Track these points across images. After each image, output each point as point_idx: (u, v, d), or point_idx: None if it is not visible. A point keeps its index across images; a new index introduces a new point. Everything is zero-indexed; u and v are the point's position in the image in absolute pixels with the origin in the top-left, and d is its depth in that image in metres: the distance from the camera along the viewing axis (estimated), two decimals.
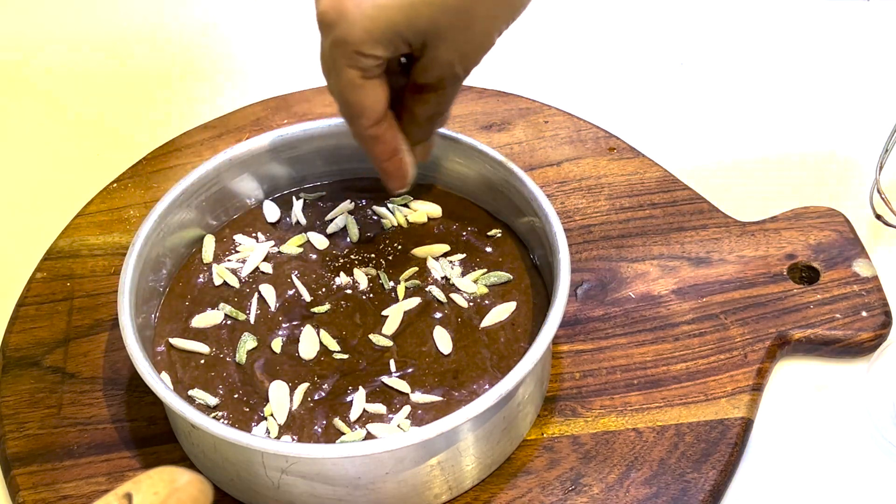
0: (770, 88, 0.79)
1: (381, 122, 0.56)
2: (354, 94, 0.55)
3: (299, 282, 0.62)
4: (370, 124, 0.56)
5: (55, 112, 0.81)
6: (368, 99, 0.55)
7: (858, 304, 0.63)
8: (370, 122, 0.56)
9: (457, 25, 0.52)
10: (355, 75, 0.54)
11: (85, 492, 0.58)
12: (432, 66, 0.54)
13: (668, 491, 0.57)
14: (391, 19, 0.51)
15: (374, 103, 0.55)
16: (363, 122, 0.56)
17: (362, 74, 0.54)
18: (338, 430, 0.56)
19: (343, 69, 0.53)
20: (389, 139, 0.58)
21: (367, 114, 0.56)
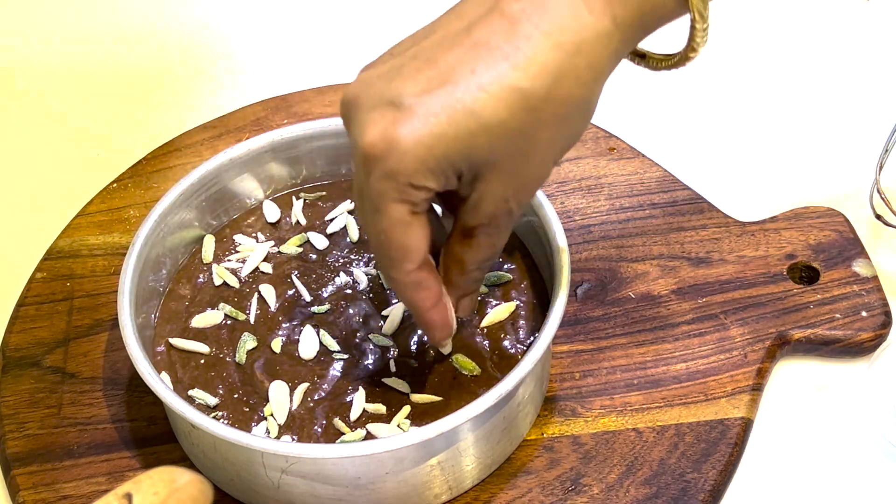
0: (770, 88, 0.79)
1: (424, 266, 0.51)
2: (402, 232, 0.49)
3: (299, 282, 0.62)
4: (414, 268, 0.50)
5: (55, 112, 0.81)
6: (415, 238, 0.49)
7: (858, 304, 0.63)
8: (414, 265, 0.50)
9: (516, 155, 0.47)
10: (404, 211, 0.48)
11: (85, 492, 0.58)
12: (485, 201, 0.49)
13: (668, 491, 0.57)
14: (448, 148, 0.46)
15: (419, 243, 0.49)
16: (407, 267, 0.50)
17: (411, 210, 0.48)
18: (338, 430, 0.56)
19: (391, 205, 0.48)
20: (433, 284, 0.52)
21: (412, 256, 0.50)
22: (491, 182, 0.48)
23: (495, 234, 0.51)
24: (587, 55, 0.47)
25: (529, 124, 0.47)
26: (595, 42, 0.47)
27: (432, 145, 0.46)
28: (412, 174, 0.47)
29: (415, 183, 0.47)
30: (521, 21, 0.46)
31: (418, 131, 0.46)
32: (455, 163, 0.47)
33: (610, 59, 0.48)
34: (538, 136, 0.47)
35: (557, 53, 0.46)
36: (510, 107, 0.46)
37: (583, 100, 0.48)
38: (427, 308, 0.52)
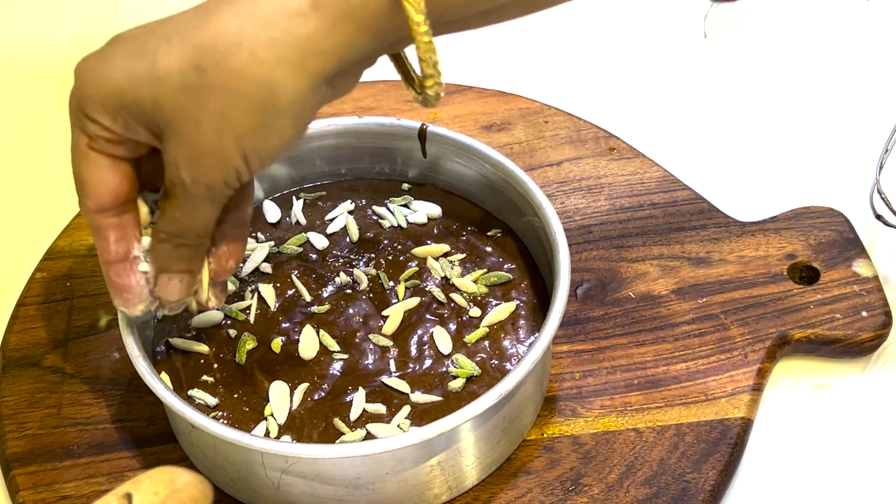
0: (770, 88, 0.79)
1: (106, 214, 0.50)
2: (77, 163, 0.50)
3: (299, 282, 0.62)
4: (92, 207, 0.50)
5: (55, 112, 0.81)
6: (91, 175, 0.49)
7: (858, 304, 0.63)
8: (92, 204, 0.50)
9: (183, 116, 0.46)
10: (82, 141, 0.49)
11: (85, 492, 0.58)
12: (165, 163, 0.48)
13: (668, 491, 0.57)
14: (117, 87, 0.47)
15: (97, 183, 0.49)
16: (85, 202, 0.50)
17: (88, 143, 0.49)
18: (337, 430, 0.56)
19: (72, 129, 0.49)
20: (114, 239, 0.51)
21: (89, 193, 0.49)
22: (167, 143, 0.47)
23: (175, 206, 0.49)
24: (273, 32, 0.45)
25: (196, 86, 0.46)
26: (284, 20, 0.45)
27: (105, 78, 0.47)
28: (84, 102, 0.48)
29: (87, 113, 0.48)
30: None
31: (100, 63, 0.48)
32: (128, 107, 0.47)
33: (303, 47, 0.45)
34: (207, 102, 0.46)
35: (243, 22, 0.45)
36: (181, 61, 0.46)
37: (261, 80, 0.45)
38: (103, 260, 0.52)
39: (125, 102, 0.47)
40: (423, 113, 0.75)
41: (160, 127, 0.47)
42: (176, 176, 0.48)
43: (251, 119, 0.46)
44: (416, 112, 0.75)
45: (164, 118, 0.47)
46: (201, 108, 0.46)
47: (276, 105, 0.46)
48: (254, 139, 0.47)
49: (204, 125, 0.46)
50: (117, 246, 0.51)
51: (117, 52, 0.48)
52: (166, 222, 0.50)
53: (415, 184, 0.67)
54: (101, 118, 0.48)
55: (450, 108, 0.76)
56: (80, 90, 0.48)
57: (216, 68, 0.45)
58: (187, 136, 0.47)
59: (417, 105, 0.76)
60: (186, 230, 0.50)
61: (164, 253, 0.51)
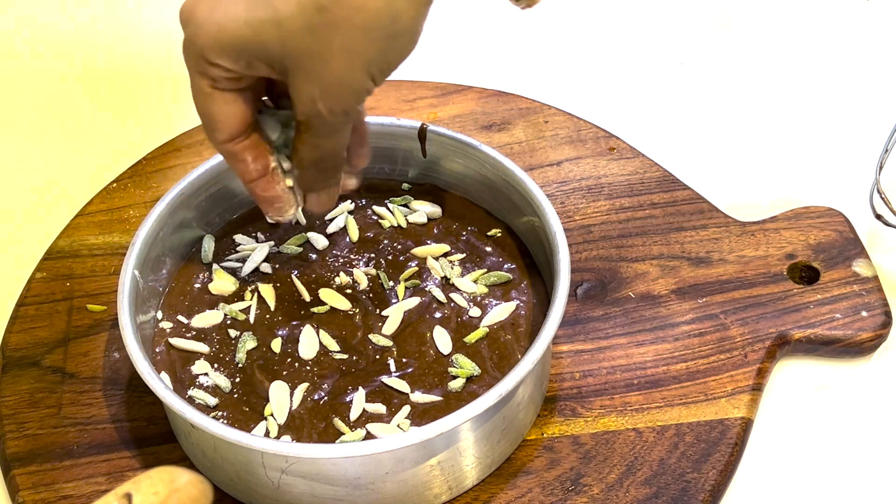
0: (770, 88, 0.79)
1: (238, 140, 0.53)
2: (203, 103, 0.52)
3: (299, 282, 0.62)
4: (224, 139, 0.53)
5: (55, 112, 0.81)
6: (219, 111, 0.52)
7: (858, 304, 0.63)
8: (224, 136, 0.53)
9: (310, 53, 0.48)
10: (204, 84, 0.51)
11: (85, 492, 0.58)
12: (297, 99, 0.51)
13: (668, 491, 0.57)
14: (239, 32, 0.48)
15: (226, 117, 0.52)
16: (216, 136, 0.53)
17: (211, 84, 0.51)
18: (337, 430, 0.56)
19: (192, 75, 0.51)
20: (251, 159, 0.54)
21: (220, 127, 0.52)
22: (296, 79, 0.50)
23: (315, 136, 0.52)
24: None
25: (320, 24, 0.48)
26: None
27: (223, 25, 0.48)
28: (204, 48, 0.49)
29: (208, 58, 0.49)
30: None
31: (214, 9, 0.49)
32: (251, 50, 0.49)
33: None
34: (332, 39, 0.48)
35: None
36: (301, 3, 0.47)
37: (381, 11, 0.48)
38: (246, 180, 0.55)
39: (248, 47, 0.49)
40: (423, 113, 0.75)
41: (286, 66, 0.49)
42: (312, 110, 0.50)
43: (376, 46, 0.49)
44: (416, 112, 0.75)
45: (291, 58, 0.49)
46: (328, 45, 0.48)
47: (397, 29, 0.49)
48: (379, 62, 0.50)
49: (333, 60, 0.49)
50: (256, 164, 0.54)
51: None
52: (308, 151, 0.53)
53: (415, 184, 0.67)
54: (224, 62, 0.49)
55: (450, 108, 0.76)
56: (198, 38, 0.49)
57: (338, 6, 0.47)
58: (318, 73, 0.49)
59: (417, 105, 0.76)
60: (329, 154, 0.54)
61: (310, 177, 0.55)
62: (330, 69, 0.49)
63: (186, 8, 0.50)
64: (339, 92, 0.50)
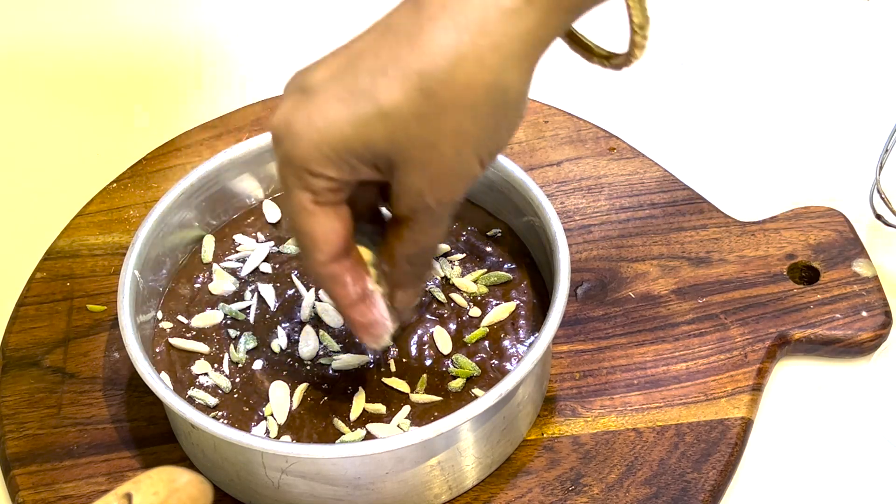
0: (770, 88, 0.79)
1: (339, 260, 0.49)
2: (304, 221, 0.48)
3: (299, 282, 0.62)
4: (325, 259, 0.49)
5: (55, 112, 0.81)
6: (320, 228, 0.48)
7: (858, 304, 0.63)
8: (324, 256, 0.49)
9: (420, 144, 0.45)
10: (306, 199, 0.47)
11: (85, 492, 0.58)
12: (401, 193, 0.47)
13: (668, 491, 0.57)
14: (343, 135, 0.45)
15: (327, 234, 0.48)
16: (317, 257, 0.49)
17: (313, 199, 0.47)
18: (337, 430, 0.56)
19: (293, 191, 0.47)
20: (351, 281, 0.50)
21: (321, 247, 0.49)
22: (403, 173, 0.46)
23: (419, 230, 0.49)
24: (492, 36, 0.44)
25: (429, 110, 0.45)
26: (501, 21, 0.44)
27: (325, 130, 0.45)
28: (306, 159, 0.46)
29: (311, 170, 0.46)
30: (430, 3, 0.44)
31: (312, 115, 0.46)
32: (356, 151, 0.46)
33: (524, 42, 0.45)
34: (442, 123, 0.45)
35: (458, 34, 0.44)
36: (406, 91, 0.44)
37: (491, 85, 0.45)
38: (344, 305, 0.51)
39: (352, 148, 0.46)
40: None
41: (392, 161, 0.46)
42: (419, 203, 0.47)
43: (485, 125, 0.46)
44: None
45: (398, 151, 0.46)
46: (437, 132, 0.45)
47: (507, 104, 0.46)
48: (488, 142, 0.47)
49: (442, 146, 0.45)
50: (355, 287, 0.50)
51: (327, 101, 0.46)
52: (407, 246, 0.50)
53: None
54: (328, 170, 0.46)
55: None
56: (298, 150, 0.46)
57: (445, 88, 0.44)
58: (427, 162, 0.46)
59: None
60: (429, 248, 0.51)
61: (403, 273, 0.51)
62: (439, 157, 0.46)
63: (281, 122, 0.47)
64: (449, 181, 0.47)
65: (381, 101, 0.44)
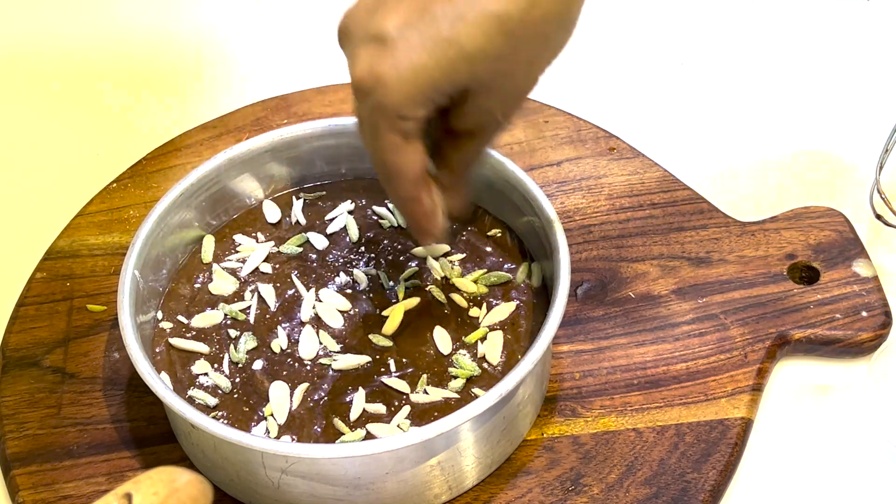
0: (770, 88, 0.79)
1: (419, 183, 0.54)
2: (396, 157, 0.52)
3: (299, 282, 0.62)
4: (409, 184, 0.53)
5: (55, 112, 0.81)
6: (410, 160, 0.52)
7: (858, 304, 0.63)
8: (410, 182, 0.53)
9: (499, 74, 0.50)
10: (397, 139, 0.51)
11: (85, 492, 0.58)
12: (473, 112, 0.52)
13: (668, 491, 0.57)
14: (431, 79, 0.49)
15: (414, 164, 0.53)
16: (403, 184, 0.53)
17: (402, 137, 0.51)
18: (337, 430, 0.56)
19: (384, 133, 0.51)
20: (427, 200, 0.55)
21: (407, 175, 0.53)
22: (481, 98, 0.51)
23: (481, 140, 0.55)
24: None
25: (508, 48, 0.49)
26: None
27: (415, 79, 0.49)
28: (399, 107, 0.49)
29: (404, 115, 0.50)
30: None
31: (402, 66, 0.48)
32: (440, 90, 0.50)
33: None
34: (518, 57, 0.49)
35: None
36: (488, 33, 0.48)
37: (560, 15, 0.49)
38: (420, 220, 0.56)
39: (440, 89, 0.49)
40: None
41: (469, 89, 0.50)
42: (489, 119, 0.53)
43: (554, 50, 0.51)
44: None
45: (478, 83, 0.50)
46: (514, 63, 0.50)
47: (570, 27, 0.51)
48: (550, 62, 0.52)
49: (516, 74, 0.51)
50: (429, 201, 0.55)
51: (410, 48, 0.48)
52: (469, 155, 0.55)
53: None
54: (417, 112, 0.50)
55: None
56: (391, 98, 0.49)
57: (523, 26, 0.48)
58: (501, 87, 0.51)
59: None
60: (483, 153, 0.56)
61: (458, 179, 0.56)
62: (513, 82, 0.51)
63: (367, 74, 0.49)
64: (518, 99, 0.53)
65: (465, 46, 0.48)
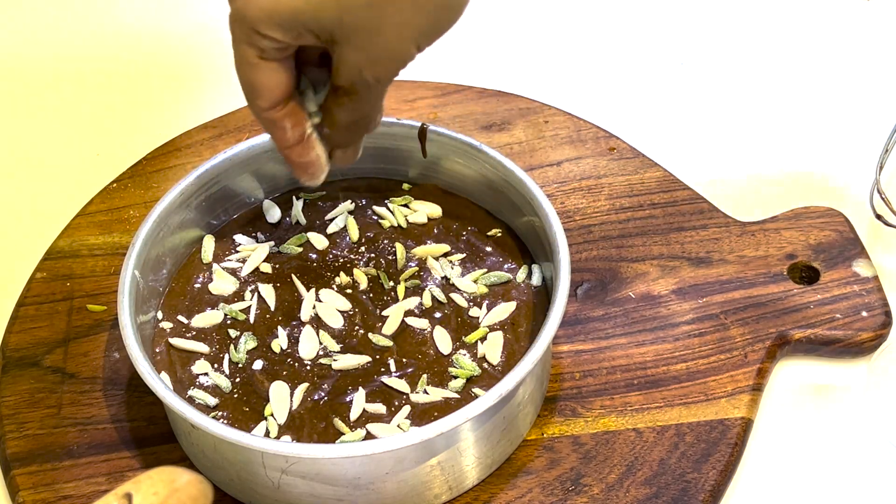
0: (770, 88, 0.79)
1: (278, 107, 0.54)
2: (249, 72, 0.53)
3: (299, 282, 0.62)
4: (266, 106, 0.54)
5: (55, 112, 0.81)
6: (264, 80, 0.53)
7: (858, 304, 0.63)
8: (266, 104, 0.54)
9: (365, 26, 0.50)
10: (251, 54, 0.52)
11: (85, 492, 0.58)
12: (342, 67, 0.52)
13: (668, 491, 0.57)
14: (295, 6, 0.49)
15: (270, 85, 0.53)
16: (259, 104, 0.54)
17: (258, 54, 0.52)
18: (337, 430, 0.56)
19: (239, 45, 0.52)
20: (289, 126, 0.55)
21: (263, 94, 0.54)
22: (345, 48, 0.51)
23: (357, 101, 0.54)
24: None
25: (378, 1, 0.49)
26: None
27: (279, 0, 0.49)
28: (256, 21, 0.50)
29: (259, 30, 0.50)
30: None
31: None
32: (304, 22, 0.50)
33: None
34: (390, 13, 0.49)
35: None
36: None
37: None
38: (283, 146, 0.56)
39: (301, 20, 0.50)
40: (423, 113, 0.75)
41: (335, 36, 0.50)
42: (358, 77, 0.52)
43: (428, 17, 0.51)
44: (416, 112, 0.75)
45: (343, 29, 0.50)
46: (383, 18, 0.50)
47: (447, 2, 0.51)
48: (428, 31, 0.51)
49: (386, 32, 0.50)
50: (294, 131, 0.55)
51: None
52: (347, 113, 0.55)
53: (415, 184, 0.67)
54: (274, 33, 0.50)
55: (450, 108, 0.76)
56: (249, 10, 0.50)
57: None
58: (369, 44, 0.51)
59: (417, 105, 0.76)
60: (365, 116, 0.56)
61: (342, 135, 0.57)
62: (381, 40, 0.50)
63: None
64: (387, 62, 0.52)
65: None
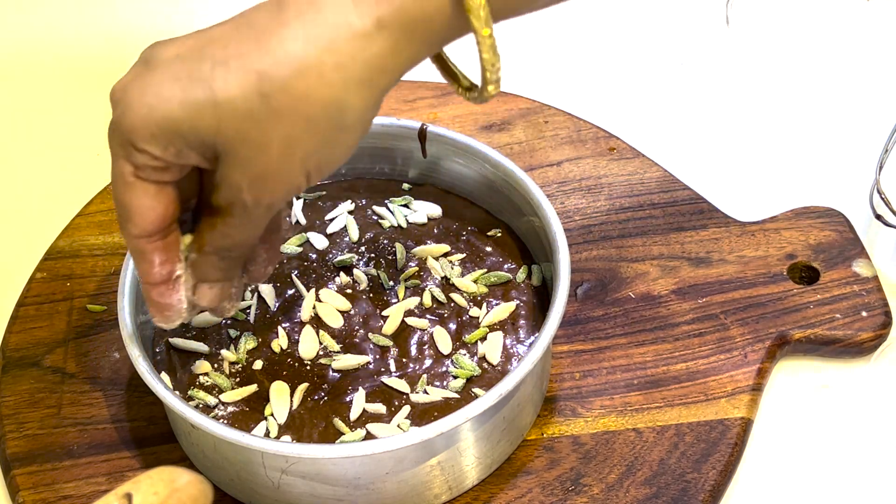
0: (770, 88, 0.79)
1: (151, 238, 0.49)
2: (122, 191, 0.48)
3: (299, 281, 0.62)
4: (137, 233, 0.49)
5: (55, 112, 0.81)
6: (137, 203, 0.48)
7: (858, 304, 0.63)
8: (137, 230, 0.49)
9: (248, 142, 0.45)
10: (127, 170, 0.47)
11: (85, 492, 0.58)
12: (221, 184, 0.47)
13: (668, 491, 0.57)
14: (171, 115, 0.45)
15: (142, 210, 0.48)
16: (129, 229, 0.49)
17: (134, 172, 0.47)
18: (337, 430, 0.56)
19: (115, 160, 0.48)
20: (158, 262, 0.50)
21: (135, 220, 0.48)
22: (227, 166, 0.46)
23: (230, 224, 0.49)
24: (338, 55, 0.44)
25: (262, 111, 0.45)
26: (350, 42, 0.44)
27: (155, 107, 0.45)
28: (131, 131, 0.46)
29: (135, 143, 0.46)
30: (289, 8, 0.45)
31: (148, 91, 0.46)
32: (183, 134, 0.45)
33: (370, 67, 0.45)
34: (273, 127, 0.45)
35: (306, 45, 0.44)
36: (243, 87, 0.44)
37: (329, 103, 0.45)
38: (145, 282, 0.51)
39: (180, 131, 0.46)
40: (423, 113, 0.75)
41: (217, 152, 0.46)
42: (236, 197, 0.47)
43: (317, 139, 0.46)
44: (416, 112, 0.75)
45: (225, 144, 0.46)
46: (267, 134, 0.45)
47: (343, 124, 0.46)
48: (318, 157, 0.47)
49: (270, 149, 0.46)
50: (161, 268, 0.50)
51: (164, 78, 0.46)
52: (217, 238, 0.50)
53: (415, 184, 0.67)
54: (152, 148, 0.46)
55: (450, 108, 0.76)
56: (126, 120, 0.46)
57: (283, 94, 0.44)
58: (252, 161, 0.46)
59: (417, 105, 0.76)
60: (237, 245, 0.50)
61: (209, 265, 0.51)
62: (265, 159, 0.46)
63: (118, 87, 0.47)
64: (270, 184, 0.47)
65: (215, 90, 0.45)
